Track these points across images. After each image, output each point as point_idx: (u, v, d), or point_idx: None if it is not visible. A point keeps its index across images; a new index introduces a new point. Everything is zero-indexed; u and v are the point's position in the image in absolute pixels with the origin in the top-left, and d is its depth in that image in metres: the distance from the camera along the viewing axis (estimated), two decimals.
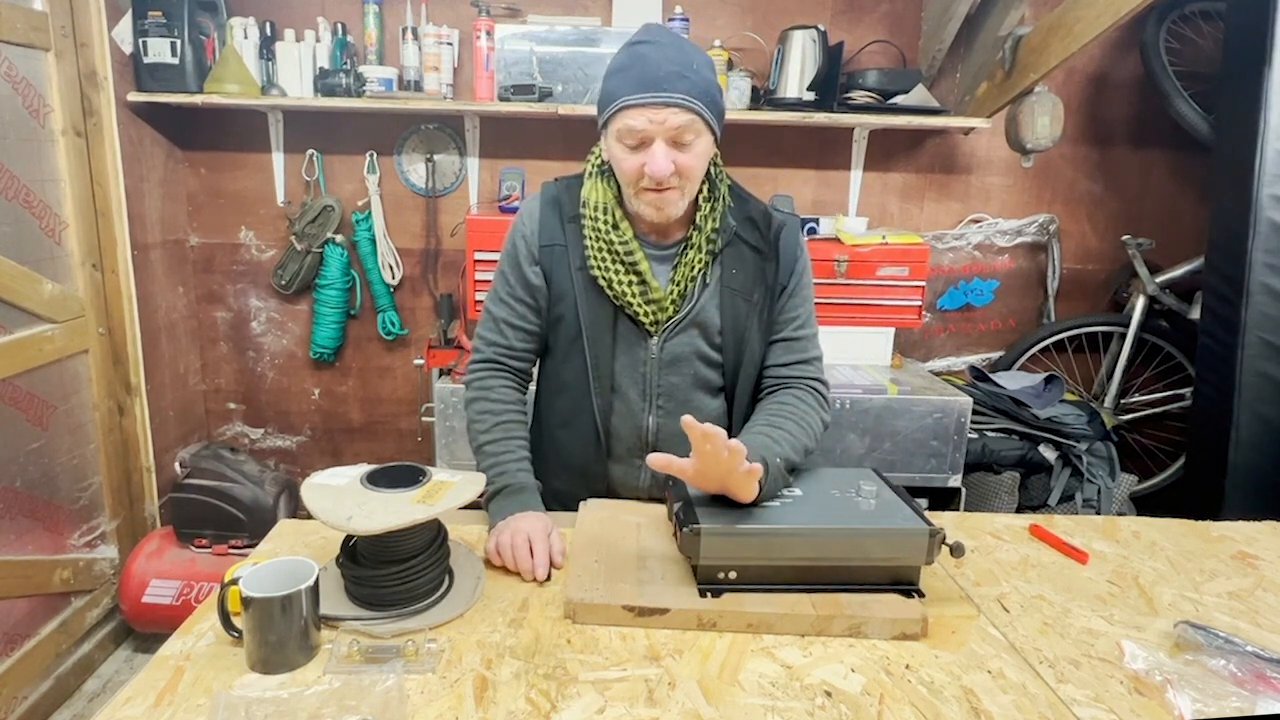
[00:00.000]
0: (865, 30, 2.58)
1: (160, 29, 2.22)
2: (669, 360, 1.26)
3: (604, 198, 1.23)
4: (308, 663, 0.87)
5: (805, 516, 1.02)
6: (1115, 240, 2.75)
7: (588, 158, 1.28)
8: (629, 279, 1.21)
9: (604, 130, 1.18)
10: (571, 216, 1.26)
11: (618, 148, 1.15)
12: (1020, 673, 0.90)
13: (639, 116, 1.10)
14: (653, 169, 1.12)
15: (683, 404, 1.28)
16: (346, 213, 2.61)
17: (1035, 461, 2.34)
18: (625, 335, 1.26)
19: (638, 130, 1.11)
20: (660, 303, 1.23)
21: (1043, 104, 2.34)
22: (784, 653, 0.92)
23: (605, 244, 1.21)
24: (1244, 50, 2.13)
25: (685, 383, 1.28)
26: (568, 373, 1.29)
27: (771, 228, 1.27)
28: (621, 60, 1.14)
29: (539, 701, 0.82)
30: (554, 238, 1.26)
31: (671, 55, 1.11)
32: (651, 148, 1.12)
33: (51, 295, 2.02)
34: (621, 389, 1.27)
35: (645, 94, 1.09)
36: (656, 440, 1.28)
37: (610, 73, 1.15)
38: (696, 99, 1.11)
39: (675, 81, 1.09)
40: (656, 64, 1.10)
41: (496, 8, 2.43)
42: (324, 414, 2.82)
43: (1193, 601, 1.08)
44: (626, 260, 1.21)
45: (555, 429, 1.34)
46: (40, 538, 2.03)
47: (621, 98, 1.11)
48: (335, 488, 0.97)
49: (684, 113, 1.10)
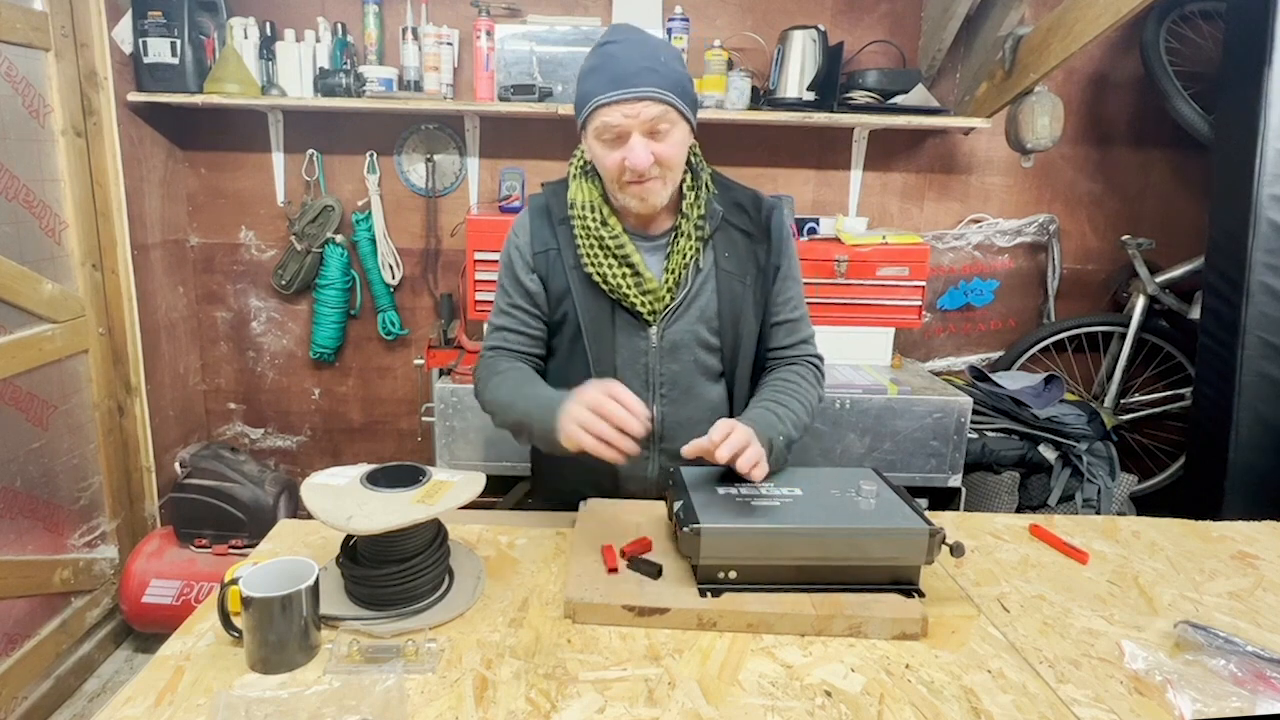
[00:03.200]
0: (865, 30, 2.58)
1: (160, 29, 2.22)
2: (669, 348, 1.29)
3: (590, 196, 1.26)
4: (308, 663, 0.87)
5: (805, 516, 1.02)
6: (1115, 240, 2.75)
7: (570, 161, 1.32)
8: (622, 271, 1.24)
9: (583, 131, 1.23)
10: (562, 219, 1.29)
11: (597, 145, 1.19)
12: (1020, 673, 0.90)
13: (614, 113, 1.14)
14: (632, 161, 1.15)
15: (685, 391, 1.31)
16: (346, 213, 2.61)
17: (1035, 461, 2.34)
18: (624, 328, 1.28)
19: (614, 126, 1.15)
20: (655, 292, 1.26)
21: (1043, 104, 2.34)
22: (784, 652, 0.92)
23: (596, 240, 1.25)
24: (1244, 50, 2.13)
25: (686, 370, 1.30)
26: (571, 371, 1.30)
27: (762, 210, 1.32)
28: (592, 61, 1.19)
29: (539, 701, 0.82)
30: (547, 243, 1.29)
31: (639, 52, 1.15)
32: (629, 141, 1.16)
33: (51, 295, 2.02)
34: (624, 381, 1.27)
35: (617, 91, 1.13)
36: (662, 429, 1.30)
37: (583, 75, 1.20)
38: (668, 90, 1.15)
39: (645, 76, 1.13)
40: (625, 61, 1.14)
41: (496, 8, 2.43)
42: (324, 414, 2.82)
43: (1193, 601, 1.08)
44: (618, 254, 1.24)
45: None
46: (40, 538, 2.03)
47: (596, 97, 1.15)
48: (335, 488, 0.97)
49: (656, 104, 1.14)
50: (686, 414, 1.31)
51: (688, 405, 1.31)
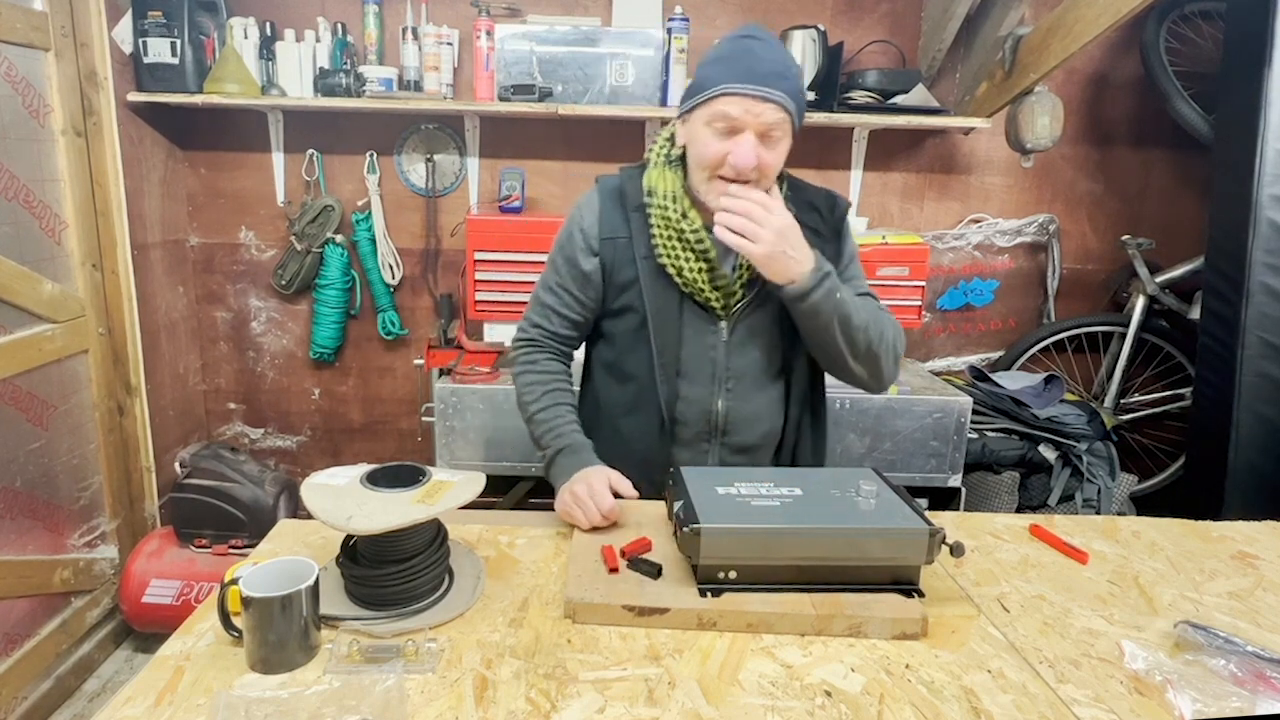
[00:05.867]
0: (865, 30, 2.58)
1: (160, 29, 2.22)
2: (738, 343, 1.29)
3: (672, 186, 1.25)
4: (308, 663, 0.87)
5: (805, 516, 1.02)
6: (1115, 240, 2.75)
7: (650, 147, 1.30)
8: (699, 266, 1.24)
9: (688, 115, 1.21)
10: (635, 206, 1.28)
11: (705, 132, 1.17)
12: (1020, 673, 0.90)
13: (737, 105, 1.13)
14: (737, 159, 1.14)
15: (750, 386, 1.31)
16: (346, 213, 2.61)
17: (1035, 461, 2.34)
18: (692, 321, 1.28)
19: (733, 117, 1.14)
20: (728, 287, 1.25)
21: (1043, 104, 2.34)
22: (784, 652, 0.92)
23: (675, 232, 1.24)
24: (1244, 50, 2.13)
25: (752, 365, 1.31)
26: (632, 362, 1.31)
27: (836, 211, 1.32)
28: (726, 49, 1.17)
29: (539, 701, 0.82)
30: (616, 229, 1.28)
31: (776, 55, 1.15)
32: (741, 138, 1.14)
33: (51, 295, 2.02)
34: (689, 374, 1.30)
35: (748, 85, 1.12)
36: (726, 423, 1.31)
37: (711, 60, 1.18)
38: (791, 101, 1.15)
39: (777, 81, 1.13)
40: (763, 59, 1.13)
41: (496, 8, 2.43)
42: (324, 414, 2.82)
43: (1193, 601, 1.08)
44: (697, 248, 1.23)
45: (618, 417, 1.35)
46: (40, 538, 2.03)
47: (723, 84, 1.13)
48: (335, 488, 0.97)
49: (779, 111, 1.14)
50: (750, 409, 1.31)
51: (751, 400, 1.32)
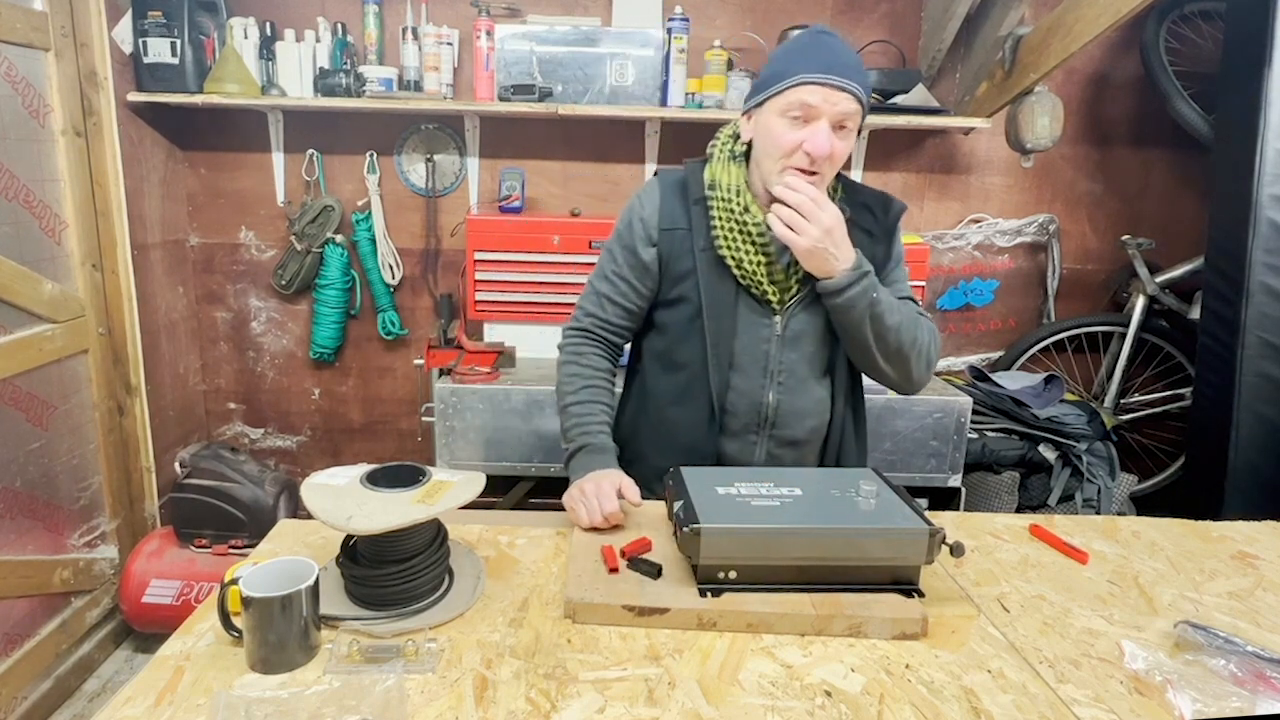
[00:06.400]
0: (865, 30, 2.58)
1: (160, 29, 2.22)
2: (791, 338, 1.30)
3: (736, 180, 1.26)
4: (308, 663, 0.87)
5: (805, 516, 1.02)
6: (1115, 240, 2.75)
7: (713, 142, 1.32)
8: (759, 259, 1.25)
9: (760, 107, 1.22)
10: (697, 199, 1.29)
11: (780, 122, 1.19)
12: (1020, 673, 0.90)
13: (816, 93, 1.15)
14: (813, 145, 1.16)
15: (801, 381, 1.32)
16: (346, 213, 2.61)
17: (1035, 461, 2.34)
18: (746, 314, 1.29)
19: (812, 106, 1.16)
20: (785, 282, 1.27)
21: (1043, 104, 2.34)
22: (784, 652, 0.92)
23: (738, 225, 1.25)
24: (1244, 50, 2.13)
25: (803, 360, 1.31)
26: (684, 352, 1.32)
27: (890, 213, 1.34)
28: (803, 41, 1.20)
29: (539, 701, 0.82)
30: (676, 221, 1.30)
31: (850, 51, 1.20)
32: (816, 125, 1.16)
33: (51, 295, 2.02)
34: (741, 366, 1.30)
35: (828, 75, 1.15)
36: (775, 416, 1.32)
37: (787, 52, 1.21)
38: (864, 95, 1.18)
39: (853, 73, 1.16)
40: (840, 52, 1.17)
41: (496, 8, 2.43)
42: (324, 414, 2.82)
43: (1193, 601, 1.08)
44: (758, 240, 1.24)
45: (666, 407, 1.36)
46: (40, 538, 2.03)
47: (803, 73, 1.16)
48: (335, 488, 0.97)
49: (854, 101, 1.17)
50: (799, 404, 1.32)
51: (800, 395, 1.32)
